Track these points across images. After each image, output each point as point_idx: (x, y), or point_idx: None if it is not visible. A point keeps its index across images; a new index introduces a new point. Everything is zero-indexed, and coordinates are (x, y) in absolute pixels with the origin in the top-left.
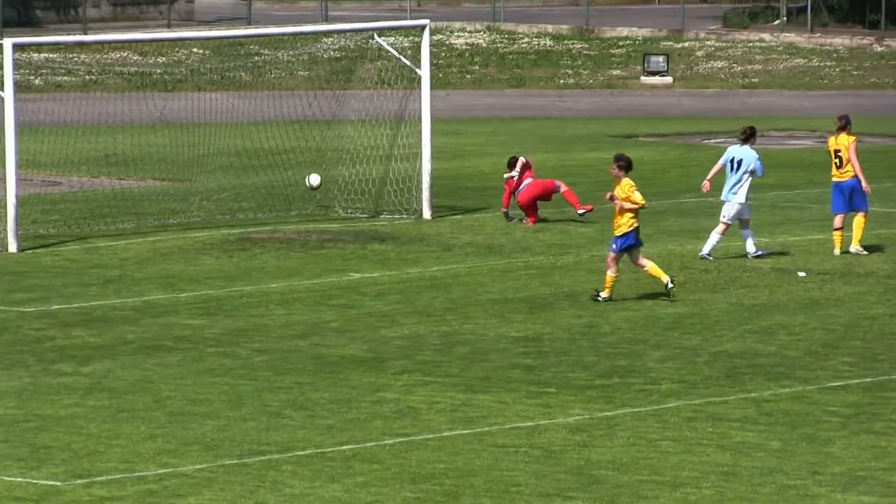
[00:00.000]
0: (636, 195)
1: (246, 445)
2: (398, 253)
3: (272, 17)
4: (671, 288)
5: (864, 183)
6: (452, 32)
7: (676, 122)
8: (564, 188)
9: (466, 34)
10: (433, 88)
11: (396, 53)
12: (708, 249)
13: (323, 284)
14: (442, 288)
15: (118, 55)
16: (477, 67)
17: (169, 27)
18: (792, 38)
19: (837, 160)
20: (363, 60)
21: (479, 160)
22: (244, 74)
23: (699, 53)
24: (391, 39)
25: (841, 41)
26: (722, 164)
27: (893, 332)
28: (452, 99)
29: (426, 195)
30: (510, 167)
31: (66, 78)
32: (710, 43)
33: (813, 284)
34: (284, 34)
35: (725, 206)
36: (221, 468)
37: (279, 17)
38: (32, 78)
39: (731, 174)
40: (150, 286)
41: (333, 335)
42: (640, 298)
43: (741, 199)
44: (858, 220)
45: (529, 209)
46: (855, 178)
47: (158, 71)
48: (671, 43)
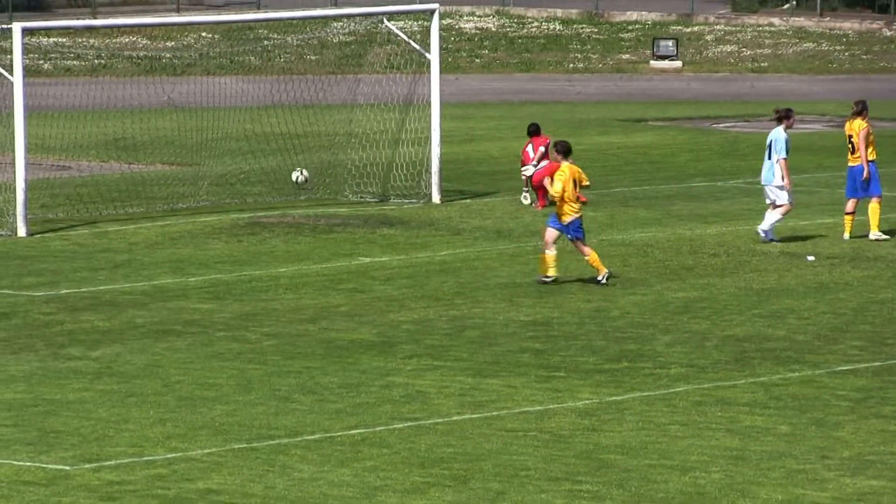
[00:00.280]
0: (555, 183)
1: (255, 430)
2: (407, 237)
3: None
4: (547, 281)
5: (865, 170)
6: (462, 16)
7: (686, 106)
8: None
9: (476, 18)
10: (442, 73)
11: (406, 37)
12: (764, 226)
13: (332, 269)
14: (451, 272)
15: (127, 39)
16: (486, 51)
17: (178, 11)
18: (801, 22)
19: (851, 145)
20: (372, 44)
21: (488, 144)
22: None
23: (708, 38)
24: (400, 23)
25: (850, 25)
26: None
27: None
28: (462, 83)
29: (435, 179)
30: (531, 135)
31: (75, 62)
32: (719, 27)
33: (822, 268)
34: (294, 18)
35: (765, 189)
36: (230, 452)
37: (288, 1)
38: (41, 62)
39: (767, 158)
40: (159, 270)
41: (342, 319)
42: (649, 283)
43: (776, 182)
44: (872, 206)
45: (541, 189)
46: (872, 161)
47: (167, 55)
48: (680, 27)
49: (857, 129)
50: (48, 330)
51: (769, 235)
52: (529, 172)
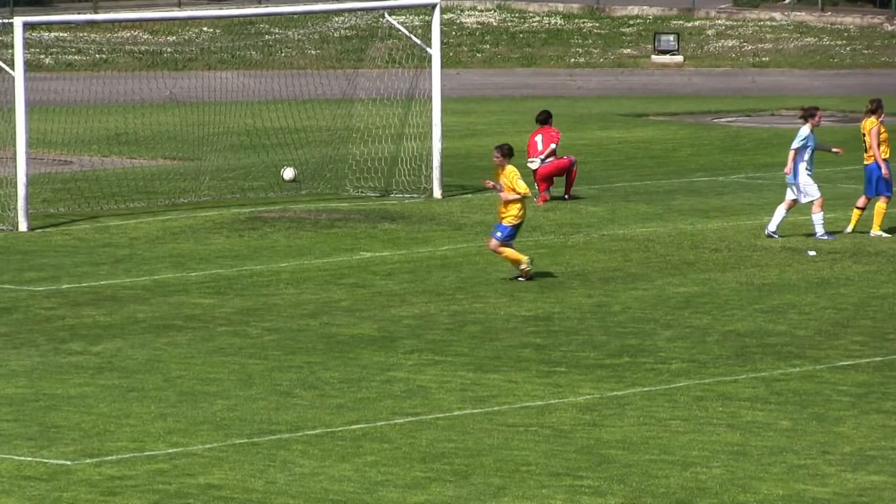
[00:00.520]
0: (520, 183)
1: (256, 425)
2: (408, 232)
3: None
4: (526, 269)
5: (882, 168)
6: (463, 11)
7: (687, 100)
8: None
9: (477, 13)
10: (443, 67)
11: (407, 32)
12: (820, 230)
13: (333, 264)
14: (452, 267)
15: (128, 34)
16: (487, 46)
17: (179, 6)
18: (802, 16)
19: (864, 144)
20: (374, 39)
21: (489, 139)
22: (254, 53)
23: (710, 32)
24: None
25: (851, 20)
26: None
27: None
28: (463, 78)
29: (436, 174)
30: (540, 123)
31: (76, 57)
32: (720, 22)
33: (823, 264)
34: (295, 13)
35: (792, 187)
36: (231, 447)
37: None
38: (43, 57)
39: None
40: (160, 265)
41: (343, 314)
42: (650, 278)
43: (794, 178)
44: (879, 205)
45: (544, 183)
46: (876, 162)
47: (169, 50)
48: (682, 22)
49: (868, 127)
50: (49, 325)
51: (823, 235)
52: (535, 166)
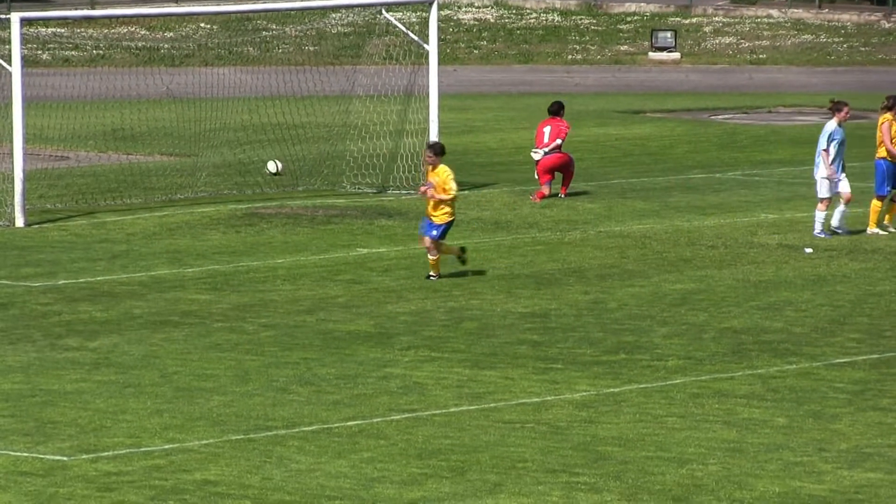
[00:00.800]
0: (451, 185)
1: (252, 421)
2: (405, 228)
3: None
4: (463, 256)
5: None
6: (460, 8)
7: (684, 97)
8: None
9: (474, 9)
10: (441, 64)
11: (404, 29)
12: (837, 223)
13: (330, 260)
14: (449, 263)
15: (126, 30)
16: (485, 43)
17: (176, 2)
18: (800, 13)
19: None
20: (371, 36)
21: (486, 136)
22: (251, 49)
23: (707, 29)
24: (399, 15)
25: (849, 17)
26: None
27: None
28: (460, 74)
29: None
30: (551, 114)
31: (73, 52)
32: (717, 19)
33: (820, 261)
34: (292, 9)
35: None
36: (228, 443)
37: None
38: (40, 52)
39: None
40: (156, 261)
41: (340, 310)
42: (646, 275)
43: (819, 173)
44: (874, 202)
45: (546, 175)
46: (882, 158)
47: (166, 46)
48: (679, 19)
49: (879, 123)
50: (46, 320)
51: (821, 233)
52: (538, 157)
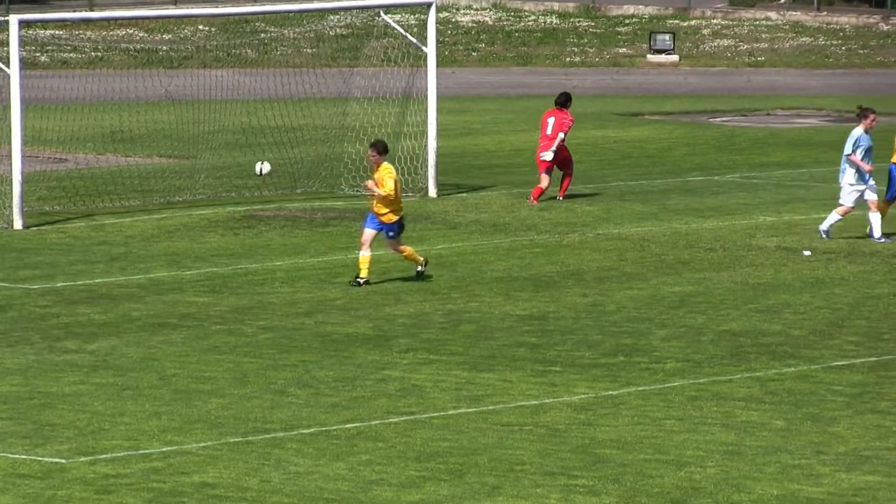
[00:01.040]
0: (387, 183)
1: (250, 423)
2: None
3: None
4: (360, 283)
5: None
6: (458, 10)
7: (682, 100)
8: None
9: (472, 12)
10: (439, 66)
11: (402, 31)
12: (875, 232)
13: (328, 262)
14: (447, 266)
15: (124, 32)
16: (483, 45)
17: (175, 4)
18: (798, 16)
19: None
20: (369, 38)
21: (484, 138)
22: (250, 51)
23: (705, 32)
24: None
25: (847, 20)
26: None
27: None
28: (458, 77)
29: (432, 173)
30: (558, 106)
31: (71, 55)
32: (716, 21)
33: (818, 263)
34: (290, 11)
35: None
36: (226, 446)
37: None
38: (38, 54)
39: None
40: (155, 264)
41: (338, 313)
42: (645, 277)
43: (843, 180)
44: (882, 207)
45: (545, 163)
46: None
47: (164, 48)
48: (677, 21)
49: None
50: (44, 323)
51: (825, 236)
52: (549, 157)
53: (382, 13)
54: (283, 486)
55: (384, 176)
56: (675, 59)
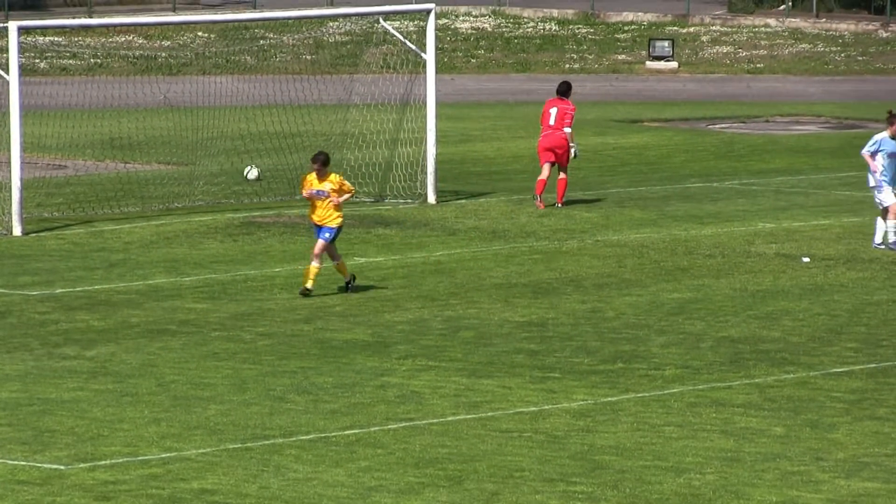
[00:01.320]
0: (347, 184)
1: (249, 430)
2: (402, 237)
3: (278, 0)
4: (306, 292)
5: None
6: (458, 16)
7: (681, 107)
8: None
9: (472, 18)
10: (438, 73)
11: (401, 38)
12: (892, 237)
13: (327, 269)
14: (446, 272)
15: (123, 39)
16: (482, 52)
17: (174, 10)
18: (797, 23)
19: None
20: (368, 45)
21: (483, 145)
22: (249, 58)
23: (704, 38)
24: (396, 23)
25: (846, 27)
26: None
27: None
28: (457, 83)
29: (431, 180)
30: (560, 94)
31: (71, 61)
32: (715, 28)
33: (817, 270)
34: (290, 18)
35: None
36: (225, 452)
37: (285, 0)
38: (37, 61)
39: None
40: (154, 270)
41: (337, 319)
42: (644, 284)
43: (871, 183)
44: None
45: (547, 154)
46: None
47: (163, 55)
48: (676, 28)
49: None
50: (43, 329)
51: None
52: (574, 153)
53: (382, 20)
54: (282, 492)
55: (343, 181)
56: (674, 65)
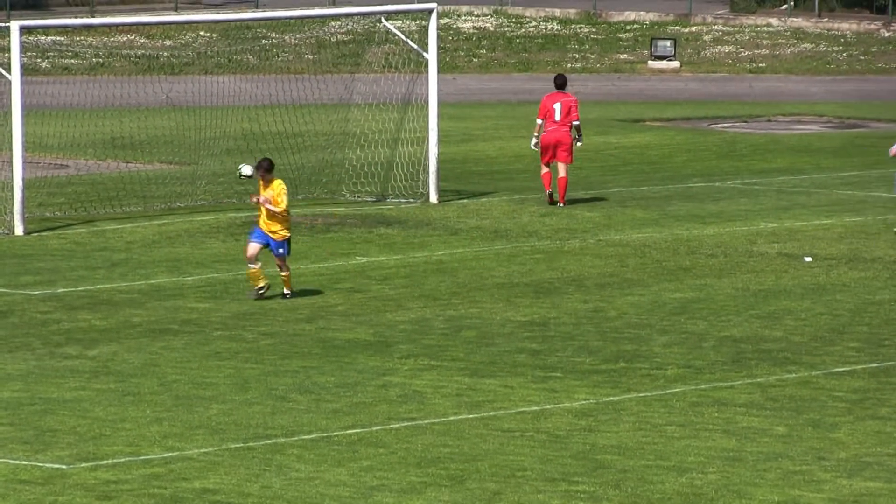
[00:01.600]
0: (283, 198)
1: (252, 429)
2: (404, 237)
3: (280, 0)
4: (261, 292)
5: None
6: (460, 16)
7: (683, 106)
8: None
9: (473, 18)
10: (440, 72)
11: (403, 37)
12: None
13: (329, 268)
14: (448, 272)
15: (125, 38)
16: (484, 51)
17: (176, 10)
18: (799, 22)
19: None
20: (370, 44)
21: (485, 144)
22: (251, 58)
23: (706, 38)
24: (398, 23)
25: (848, 26)
26: None
27: None
28: (459, 83)
29: (433, 179)
30: (559, 87)
31: (73, 61)
32: (717, 27)
33: (819, 270)
34: (292, 17)
35: None
36: (227, 452)
37: (287, 0)
38: (39, 61)
39: None
40: (156, 269)
41: (339, 319)
42: (646, 283)
43: None
44: None
45: (548, 151)
46: None
47: (165, 54)
48: (678, 27)
49: None
50: (45, 328)
51: None
52: (580, 143)
53: (384, 19)
54: (284, 491)
55: (279, 192)
56: (676, 65)
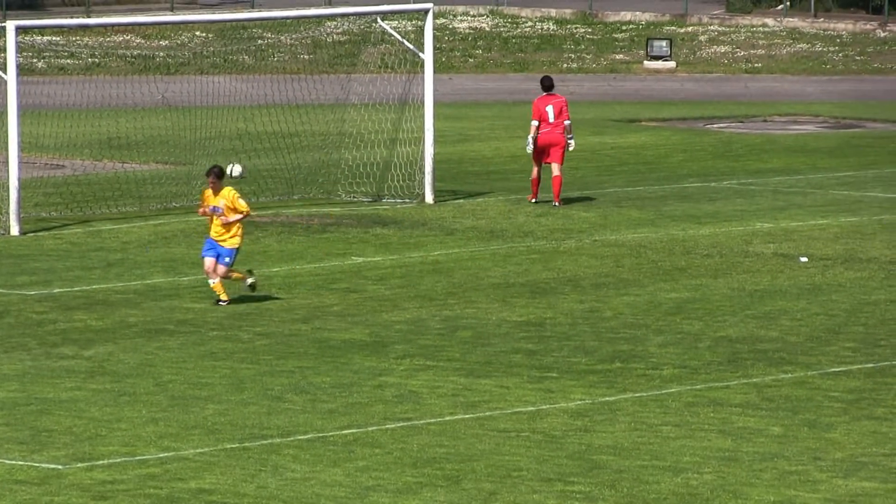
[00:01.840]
0: (241, 202)
1: (247, 429)
2: (400, 237)
3: (276, 0)
4: (252, 281)
5: None
6: (455, 16)
7: (679, 106)
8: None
9: (469, 18)
10: (436, 72)
11: (399, 37)
12: None
13: (325, 268)
14: (444, 272)
15: (121, 38)
16: (480, 51)
17: (172, 10)
18: (795, 23)
19: None
20: (366, 44)
21: (481, 144)
22: (247, 58)
23: (702, 38)
24: (394, 23)
25: (844, 26)
26: None
27: (895, 317)
28: (455, 83)
29: (429, 179)
30: (547, 90)
31: (68, 61)
32: (713, 28)
33: (815, 270)
34: (288, 18)
35: None
36: (223, 452)
37: (283, 0)
38: (35, 61)
39: None
40: (152, 270)
41: (335, 319)
42: (641, 284)
43: None
44: None
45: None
46: None
47: (161, 54)
48: (674, 27)
49: None
50: (41, 329)
51: None
52: (572, 146)
53: (380, 20)
54: (279, 492)
55: (234, 199)
56: (672, 65)
